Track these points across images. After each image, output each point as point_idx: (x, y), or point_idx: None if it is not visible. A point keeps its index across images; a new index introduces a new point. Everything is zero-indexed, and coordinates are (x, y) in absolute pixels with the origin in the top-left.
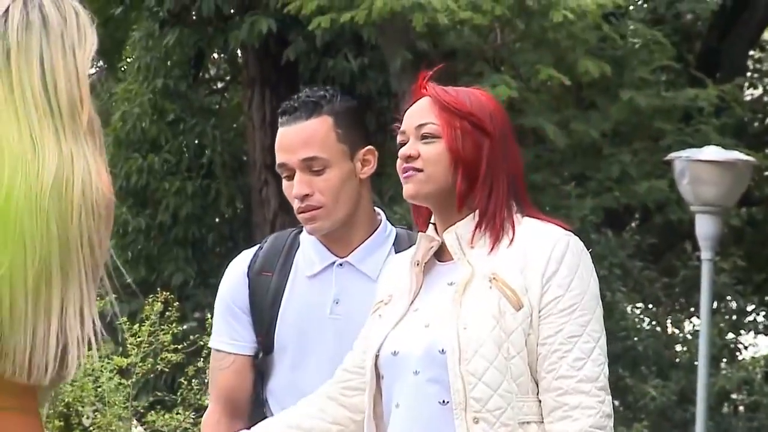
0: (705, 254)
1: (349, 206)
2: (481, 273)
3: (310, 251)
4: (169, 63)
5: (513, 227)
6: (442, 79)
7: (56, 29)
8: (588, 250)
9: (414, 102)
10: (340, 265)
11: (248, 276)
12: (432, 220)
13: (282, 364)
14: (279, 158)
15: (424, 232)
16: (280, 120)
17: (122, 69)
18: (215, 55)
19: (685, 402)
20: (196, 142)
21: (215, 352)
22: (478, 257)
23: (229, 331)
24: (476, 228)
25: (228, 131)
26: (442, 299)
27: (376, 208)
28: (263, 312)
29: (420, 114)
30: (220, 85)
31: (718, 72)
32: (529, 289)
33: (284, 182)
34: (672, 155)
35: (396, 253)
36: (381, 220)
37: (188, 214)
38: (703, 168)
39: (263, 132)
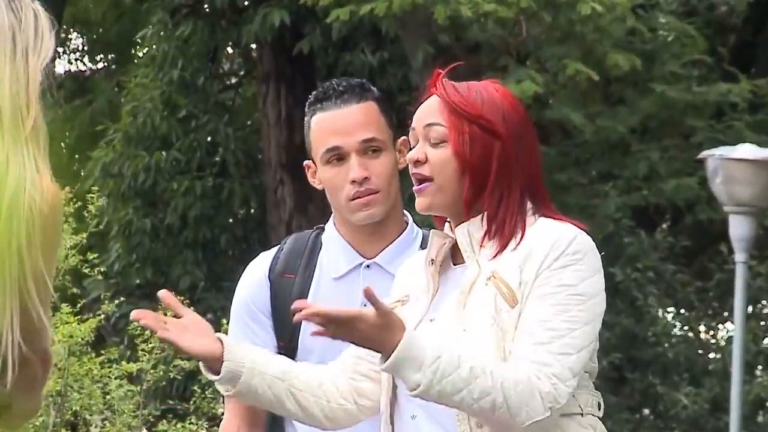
0: (739, 256)
1: (395, 196)
2: (484, 273)
3: (335, 252)
4: (184, 56)
5: (523, 230)
6: (465, 74)
7: (7, 32)
8: (619, 252)
9: (426, 99)
10: (368, 266)
11: (269, 278)
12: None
13: None
14: (330, 142)
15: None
16: (320, 105)
17: (136, 60)
18: (229, 50)
19: (718, 411)
20: (209, 139)
21: None
22: (486, 258)
23: (248, 335)
24: (486, 233)
25: (242, 128)
26: (453, 307)
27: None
28: (286, 316)
29: (428, 114)
30: (234, 80)
31: (753, 67)
32: (525, 282)
33: (329, 169)
34: (705, 153)
35: None
36: (408, 221)
37: (198, 215)
38: (737, 166)
39: (278, 129)
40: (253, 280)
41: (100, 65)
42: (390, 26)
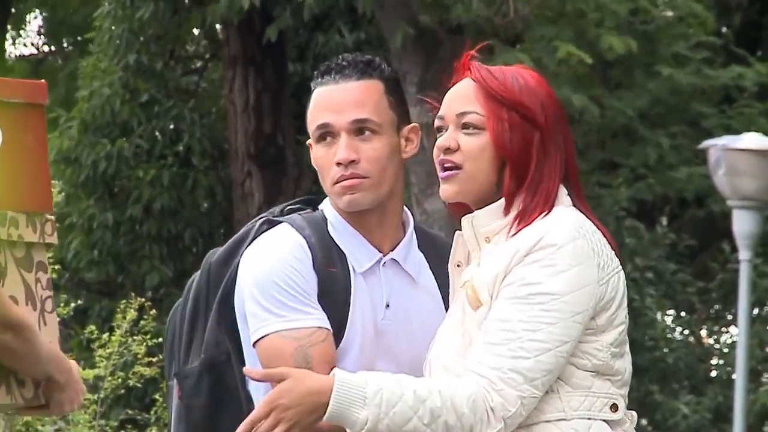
0: (743, 254)
1: (390, 184)
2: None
3: (350, 244)
4: (142, 38)
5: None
6: (449, 58)
7: None
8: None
9: (455, 83)
10: (384, 263)
11: (315, 270)
12: None
13: None
14: (320, 119)
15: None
16: (319, 80)
17: (91, 43)
18: (195, 31)
19: (720, 421)
20: (172, 126)
21: (297, 330)
22: (489, 253)
23: (317, 307)
24: (508, 225)
25: (208, 114)
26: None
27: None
28: (335, 311)
29: (463, 100)
30: (199, 64)
31: (758, 49)
32: (491, 283)
33: (319, 148)
34: (706, 143)
35: (420, 251)
36: (408, 213)
37: (163, 208)
38: (741, 157)
39: (246, 117)
40: (299, 267)
41: (56, 48)
42: (366, 5)
